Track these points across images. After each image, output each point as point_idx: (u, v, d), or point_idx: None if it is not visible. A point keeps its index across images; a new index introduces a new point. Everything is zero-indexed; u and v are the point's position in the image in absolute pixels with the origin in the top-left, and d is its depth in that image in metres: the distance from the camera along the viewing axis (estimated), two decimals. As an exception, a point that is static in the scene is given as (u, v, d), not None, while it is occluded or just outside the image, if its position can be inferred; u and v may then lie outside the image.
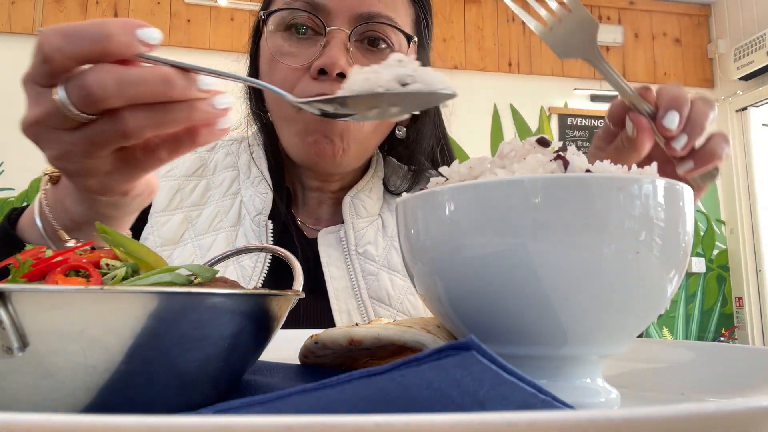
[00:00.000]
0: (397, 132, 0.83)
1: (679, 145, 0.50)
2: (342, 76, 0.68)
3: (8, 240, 0.52)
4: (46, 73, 0.36)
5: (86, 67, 0.36)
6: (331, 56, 0.68)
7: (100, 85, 0.35)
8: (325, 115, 0.39)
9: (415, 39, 0.75)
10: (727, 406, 0.17)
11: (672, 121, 0.49)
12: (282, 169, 0.82)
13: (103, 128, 0.37)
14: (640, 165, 0.36)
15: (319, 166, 0.75)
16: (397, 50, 0.73)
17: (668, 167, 0.54)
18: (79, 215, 0.48)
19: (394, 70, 0.36)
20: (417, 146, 0.84)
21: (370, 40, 0.72)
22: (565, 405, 0.22)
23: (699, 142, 0.51)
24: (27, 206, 0.55)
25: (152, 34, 0.36)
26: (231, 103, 0.40)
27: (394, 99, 0.37)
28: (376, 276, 0.76)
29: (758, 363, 0.38)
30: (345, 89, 0.37)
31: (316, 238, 0.78)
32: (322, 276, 0.75)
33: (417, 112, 0.39)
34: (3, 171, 3.07)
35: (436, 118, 0.85)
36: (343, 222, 0.80)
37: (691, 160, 0.51)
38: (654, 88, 0.53)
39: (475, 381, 0.20)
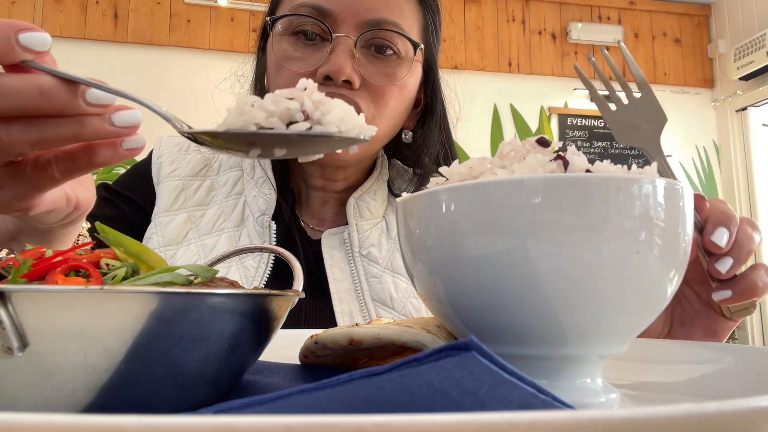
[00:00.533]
0: (403, 136, 0.83)
1: (724, 267, 0.46)
2: (348, 83, 0.69)
3: None
4: None
5: None
6: (336, 63, 0.68)
7: None
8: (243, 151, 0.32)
9: (422, 46, 0.75)
10: (727, 406, 0.17)
11: (721, 237, 0.45)
12: (286, 170, 0.82)
13: None
14: None
15: (323, 157, 0.75)
16: (404, 57, 0.73)
17: (702, 288, 0.50)
18: (12, 224, 0.47)
19: (283, 103, 0.30)
20: (423, 150, 0.84)
21: (377, 47, 0.72)
22: (565, 405, 0.22)
23: (741, 269, 0.47)
24: None
25: (37, 39, 0.32)
26: (138, 120, 0.34)
27: (277, 140, 0.30)
28: (379, 278, 0.76)
29: (758, 363, 0.38)
30: (223, 122, 0.31)
31: (319, 240, 0.78)
32: (325, 277, 0.75)
33: (320, 155, 0.33)
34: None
35: (443, 124, 0.85)
36: (346, 223, 0.80)
37: (729, 289, 0.46)
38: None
39: (475, 381, 0.20)
